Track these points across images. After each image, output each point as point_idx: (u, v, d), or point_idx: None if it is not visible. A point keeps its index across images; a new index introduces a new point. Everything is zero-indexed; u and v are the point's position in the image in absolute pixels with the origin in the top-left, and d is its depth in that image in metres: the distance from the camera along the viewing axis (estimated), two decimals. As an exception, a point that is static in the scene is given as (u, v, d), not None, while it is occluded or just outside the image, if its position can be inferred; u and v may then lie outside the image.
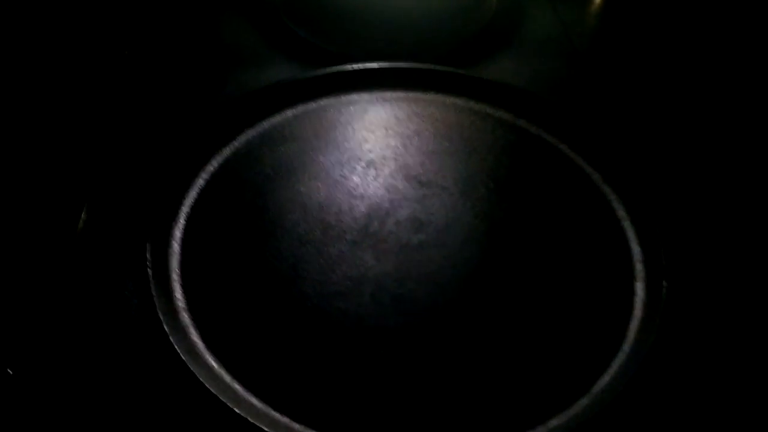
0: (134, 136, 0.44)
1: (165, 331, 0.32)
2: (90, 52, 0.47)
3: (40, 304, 0.35)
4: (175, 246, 0.37)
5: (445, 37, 0.51)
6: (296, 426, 0.31)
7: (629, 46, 0.52)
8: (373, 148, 0.43)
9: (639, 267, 0.38)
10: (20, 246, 0.37)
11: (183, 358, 0.32)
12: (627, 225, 0.40)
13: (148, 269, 0.34)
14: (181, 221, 0.39)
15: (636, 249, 0.38)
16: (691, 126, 0.46)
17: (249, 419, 0.30)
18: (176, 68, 0.49)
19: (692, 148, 0.44)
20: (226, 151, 0.42)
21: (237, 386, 0.32)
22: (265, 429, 0.30)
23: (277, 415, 0.31)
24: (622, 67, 0.51)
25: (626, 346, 0.34)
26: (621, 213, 0.40)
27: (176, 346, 0.32)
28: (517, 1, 0.54)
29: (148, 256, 0.35)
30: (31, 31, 0.45)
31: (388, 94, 0.46)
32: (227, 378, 0.32)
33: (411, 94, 0.46)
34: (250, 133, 0.44)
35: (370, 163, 0.42)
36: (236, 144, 0.43)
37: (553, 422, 0.31)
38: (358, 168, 0.42)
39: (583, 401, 0.32)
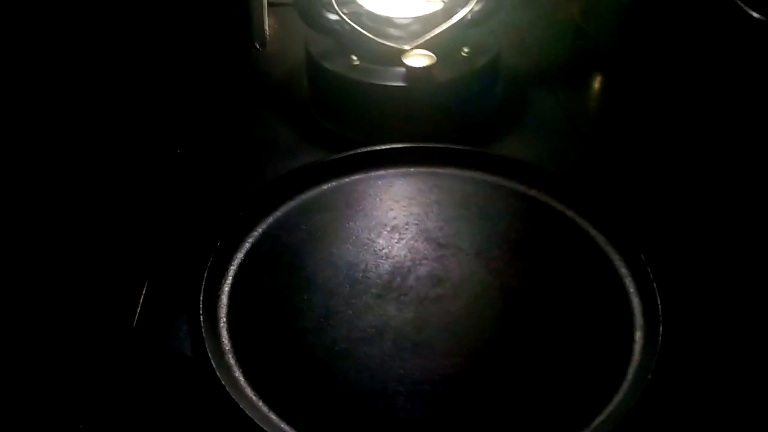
0: (190, 213, 0.53)
1: (213, 367, 0.39)
2: (147, 151, 0.58)
3: (105, 349, 0.42)
4: (224, 298, 0.45)
5: (456, 124, 0.58)
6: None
7: (625, 125, 0.60)
8: (397, 215, 0.51)
9: (638, 318, 0.43)
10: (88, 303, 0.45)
11: (228, 390, 0.38)
12: (628, 281, 0.45)
13: (200, 316, 0.42)
14: (230, 278, 0.46)
15: (636, 302, 0.44)
16: (684, 194, 0.52)
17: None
18: (220, 161, 0.58)
19: (688, 212, 0.50)
20: (269, 220, 0.50)
21: (273, 416, 0.38)
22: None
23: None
24: (619, 143, 0.58)
25: (625, 385, 0.39)
26: (623, 270, 0.46)
27: (222, 381, 0.38)
28: (520, 89, 0.63)
29: (200, 305, 0.42)
30: (102, 140, 0.56)
31: (412, 170, 0.54)
32: (265, 408, 0.38)
33: (432, 170, 0.54)
34: (291, 204, 0.52)
35: (394, 228, 0.50)
36: (278, 214, 0.51)
37: (556, 451, 0.36)
38: (384, 232, 0.49)
39: (585, 433, 0.37)
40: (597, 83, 0.67)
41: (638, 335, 0.42)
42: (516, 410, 0.39)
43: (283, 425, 0.38)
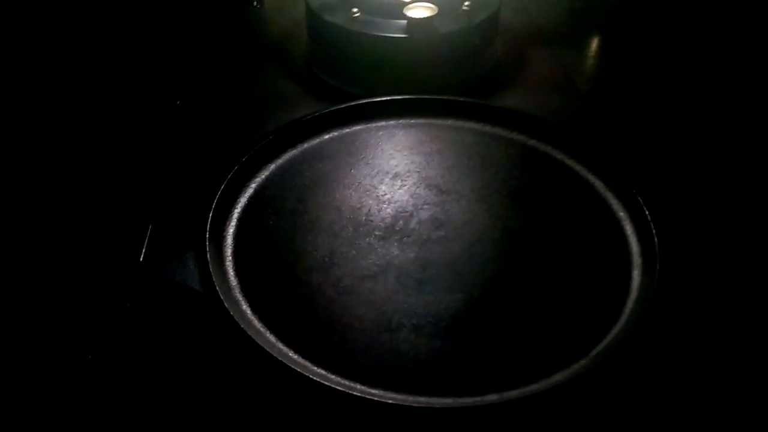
0: (193, 161, 0.54)
1: (221, 299, 0.40)
2: (146, 102, 0.59)
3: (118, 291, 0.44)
4: (229, 239, 0.46)
5: (456, 77, 0.60)
6: (331, 376, 0.38)
7: (621, 80, 0.62)
8: (399, 163, 0.52)
9: (636, 258, 0.45)
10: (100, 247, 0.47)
11: (236, 320, 0.39)
12: (627, 224, 0.47)
13: (207, 252, 0.43)
14: (234, 219, 0.47)
15: (634, 243, 0.46)
16: (680, 142, 0.54)
17: (291, 367, 0.37)
18: (221, 113, 0.59)
19: (682, 159, 0.53)
20: (272, 167, 0.52)
21: (281, 345, 0.40)
22: (306, 375, 0.37)
23: (314, 367, 0.38)
24: (616, 98, 0.60)
25: (623, 319, 0.41)
26: (621, 214, 0.48)
27: (231, 312, 0.40)
28: (519, 46, 0.65)
29: (206, 242, 0.43)
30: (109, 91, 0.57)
31: (413, 121, 0.56)
32: (272, 338, 0.40)
33: (433, 121, 0.56)
34: (292, 153, 0.53)
35: (396, 176, 0.51)
36: (280, 161, 0.52)
37: (557, 377, 0.38)
38: (386, 179, 0.51)
39: (582, 362, 0.39)
40: (594, 42, 0.69)
41: (635, 273, 0.44)
42: (516, 342, 0.40)
43: (291, 353, 0.39)
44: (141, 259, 0.44)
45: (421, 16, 0.57)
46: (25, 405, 0.38)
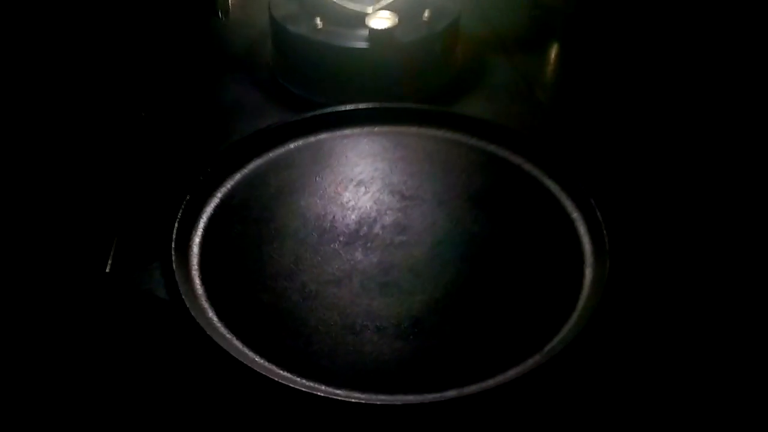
0: (159, 171, 0.55)
1: (187, 308, 0.42)
2: (111, 114, 0.60)
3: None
4: (195, 248, 0.48)
5: (418, 86, 0.62)
6: (297, 378, 0.40)
7: (576, 88, 0.66)
8: (363, 170, 0.54)
9: (588, 257, 0.47)
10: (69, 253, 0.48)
11: (203, 328, 0.41)
12: (580, 225, 0.49)
13: (173, 262, 0.44)
14: (200, 229, 0.49)
15: (586, 242, 0.48)
16: (631, 148, 0.58)
17: (257, 372, 0.39)
18: (187, 124, 0.61)
19: (633, 164, 0.56)
20: (237, 176, 0.53)
21: (248, 350, 0.41)
22: (272, 378, 0.39)
23: (279, 371, 0.40)
24: (572, 106, 0.64)
25: (575, 315, 0.43)
26: (575, 215, 0.50)
27: (197, 320, 0.41)
28: (479, 55, 0.67)
29: (172, 252, 0.45)
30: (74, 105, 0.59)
31: (377, 129, 0.58)
32: (239, 344, 0.41)
33: (396, 128, 0.58)
34: (258, 162, 0.55)
35: (360, 183, 0.53)
36: (246, 171, 0.54)
37: (511, 372, 0.40)
38: (350, 186, 0.53)
39: (537, 357, 0.41)
40: (553, 51, 0.72)
41: (588, 271, 0.46)
42: (475, 340, 0.43)
43: (257, 358, 0.41)
44: (107, 270, 0.45)
45: (383, 27, 0.59)
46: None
